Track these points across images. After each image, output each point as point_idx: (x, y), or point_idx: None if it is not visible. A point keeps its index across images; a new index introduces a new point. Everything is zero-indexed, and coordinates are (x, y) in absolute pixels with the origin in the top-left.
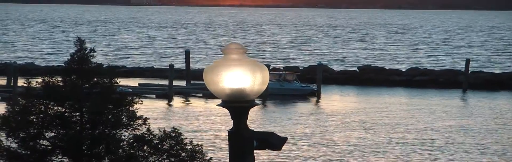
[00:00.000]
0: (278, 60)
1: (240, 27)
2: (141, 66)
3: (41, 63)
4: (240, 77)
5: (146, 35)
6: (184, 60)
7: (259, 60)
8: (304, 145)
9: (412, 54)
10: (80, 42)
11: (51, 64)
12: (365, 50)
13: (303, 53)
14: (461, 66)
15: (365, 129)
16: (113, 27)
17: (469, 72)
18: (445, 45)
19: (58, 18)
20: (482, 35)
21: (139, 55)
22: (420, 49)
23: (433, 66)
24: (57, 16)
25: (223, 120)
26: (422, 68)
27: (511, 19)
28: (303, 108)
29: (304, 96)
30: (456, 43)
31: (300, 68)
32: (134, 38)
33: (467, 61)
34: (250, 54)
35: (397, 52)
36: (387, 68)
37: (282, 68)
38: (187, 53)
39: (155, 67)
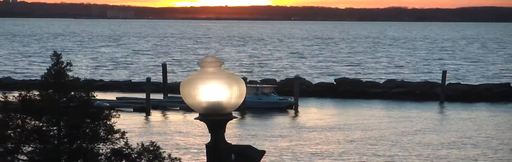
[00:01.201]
0: (255, 73)
1: (217, 40)
2: (118, 79)
3: (18, 77)
4: (216, 90)
5: (123, 49)
6: (161, 74)
7: (236, 73)
8: (286, 158)
9: (388, 66)
10: (56, 56)
11: (28, 78)
12: (342, 62)
13: (280, 66)
14: (438, 78)
15: (349, 142)
16: (89, 40)
17: (446, 84)
18: (422, 57)
19: (36, 32)
20: (459, 47)
21: (117, 68)
22: (396, 61)
23: (410, 78)
24: (34, 30)
25: (201, 133)
26: (399, 80)
27: (487, 31)
28: (282, 121)
29: (282, 109)
30: (433, 55)
31: (277, 80)
32: (111, 52)
33: (444, 73)
34: (227, 67)
35: (374, 64)
36: (364, 81)
37: (259, 81)
38: (164, 66)
39: (132, 80)
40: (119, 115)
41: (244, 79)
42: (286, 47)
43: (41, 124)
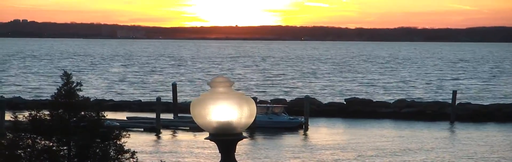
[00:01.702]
0: (266, 93)
1: (227, 60)
2: (129, 99)
3: (28, 97)
4: (227, 110)
5: (133, 69)
6: (171, 93)
7: (247, 93)
8: None
9: (399, 86)
10: (66, 76)
11: (38, 98)
12: (352, 82)
13: (291, 86)
14: (449, 97)
15: None
16: (100, 60)
17: (456, 103)
18: (433, 76)
19: (46, 52)
20: (470, 66)
21: (127, 88)
22: (407, 80)
23: (422, 98)
24: (45, 49)
25: (211, 153)
26: (409, 100)
27: (497, 51)
28: (292, 141)
29: (292, 128)
30: (445, 74)
31: (287, 100)
32: (121, 71)
33: (454, 92)
34: (237, 87)
35: (384, 84)
36: (374, 100)
37: (269, 101)
38: (174, 86)
39: (143, 100)
40: (129, 135)
41: (254, 99)
42: (296, 66)
43: (51, 144)
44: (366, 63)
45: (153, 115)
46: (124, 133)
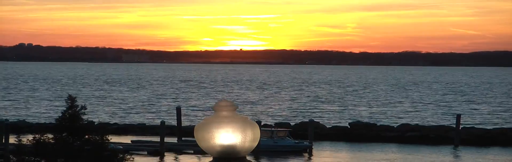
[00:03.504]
0: (269, 117)
1: (231, 84)
2: (133, 123)
3: (32, 120)
4: (230, 134)
5: (138, 92)
6: (175, 117)
7: (250, 117)
8: None
9: (403, 110)
10: (71, 99)
11: (42, 121)
12: (355, 106)
13: (294, 109)
14: (453, 121)
15: None
16: (104, 84)
17: (460, 127)
18: (436, 100)
19: (51, 76)
20: (475, 90)
21: (132, 112)
22: (412, 104)
23: (426, 122)
24: (50, 73)
25: None
26: (413, 124)
27: (501, 75)
28: None
29: (297, 152)
30: (448, 98)
31: (291, 124)
32: (125, 95)
33: (458, 117)
34: (241, 111)
35: (388, 108)
36: (378, 124)
37: (273, 125)
38: (178, 110)
39: (147, 124)
40: (133, 158)
41: (258, 122)
42: (300, 90)
43: None
44: (370, 87)
45: (157, 139)
46: (128, 156)
